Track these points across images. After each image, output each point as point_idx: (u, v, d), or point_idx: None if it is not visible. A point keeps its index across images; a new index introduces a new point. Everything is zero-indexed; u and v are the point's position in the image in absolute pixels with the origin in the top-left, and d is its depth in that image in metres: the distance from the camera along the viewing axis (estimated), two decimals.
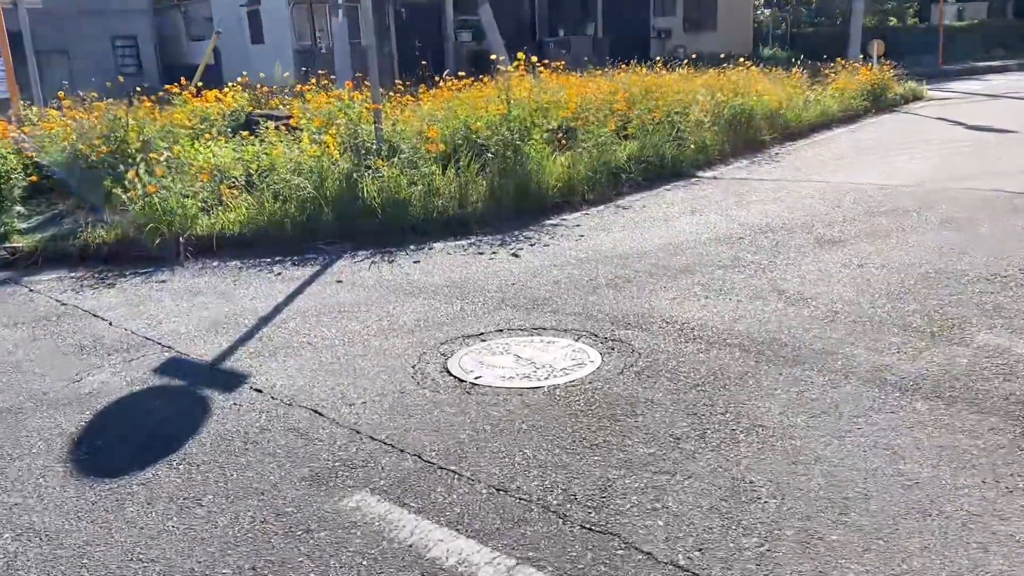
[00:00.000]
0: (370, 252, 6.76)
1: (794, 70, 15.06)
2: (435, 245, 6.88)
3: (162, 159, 7.35)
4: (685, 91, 11.50)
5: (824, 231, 6.71)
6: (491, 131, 8.37)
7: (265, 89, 11.12)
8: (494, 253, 6.55)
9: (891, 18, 34.37)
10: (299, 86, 11.06)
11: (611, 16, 26.80)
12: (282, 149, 7.96)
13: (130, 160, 7.48)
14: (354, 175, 7.31)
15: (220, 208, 7.26)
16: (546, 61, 10.95)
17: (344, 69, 18.62)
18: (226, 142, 8.76)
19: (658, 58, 16.86)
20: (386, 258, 6.57)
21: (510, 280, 5.78)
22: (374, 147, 7.98)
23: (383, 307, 5.31)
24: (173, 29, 32.68)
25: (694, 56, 16.73)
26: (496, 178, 7.79)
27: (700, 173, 10.01)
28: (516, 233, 7.19)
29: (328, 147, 7.55)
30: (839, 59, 17.94)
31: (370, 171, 7.40)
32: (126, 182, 7.00)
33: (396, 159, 7.73)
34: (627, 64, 16.58)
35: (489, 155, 8.14)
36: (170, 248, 6.82)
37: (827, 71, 16.94)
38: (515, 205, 7.80)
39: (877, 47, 18.88)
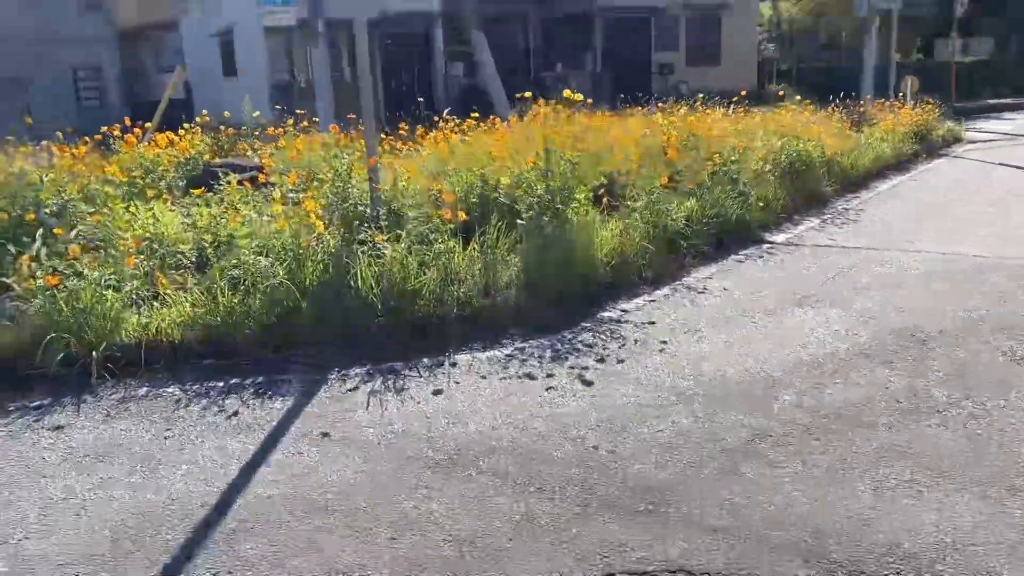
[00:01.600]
0: (367, 370, 4.73)
1: (808, 106, 13.28)
2: (459, 359, 4.86)
3: (72, 235, 5.30)
4: (729, 132, 9.65)
5: (1004, 339, 4.78)
6: (523, 189, 6.41)
7: (231, 131, 9.12)
8: (549, 375, 4.54)
9: (895, 54, 33.11)
10: (272, 128, 9.07)
11: (611, 50, 25.14)
12: (245, 215, 5.95)
13: (33, 235, 5.42)
14: (344, 256, 5.29)
15: (156, 303, 5.20)
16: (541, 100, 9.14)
17: (326, 106, 16.68)
18: (173, 203, 6.73)
19: (666, 98, 15.16)
20: (391, 383, 4.54)
21: (588, 437, 3.76)
22: (369, 214, 5.99)
23: (396, 502, 3.28)
24: (140, 60, 30.68)
25: (701, 95, 15.00)
26: (533, 254, 5.80)
27: (769, 236, 8.10)
28: (568, 336, 5.20)
29: (307, 215, 5.54)
30: (854, 96, 16.26)
31: (366, 249, 5.38)
32: (20, 269, 4.94)
33: (400, 231, 5.73)
34: (629, 101, 14.80)
35: (520, 222, 6.16)
36: (80, 366, 4.76)
37: (862, 108, 15.26)
38: (558, 288, 5.81)
39: (912, 84, 17.26)
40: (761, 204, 8.41)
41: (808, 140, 10.26)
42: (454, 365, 4.76)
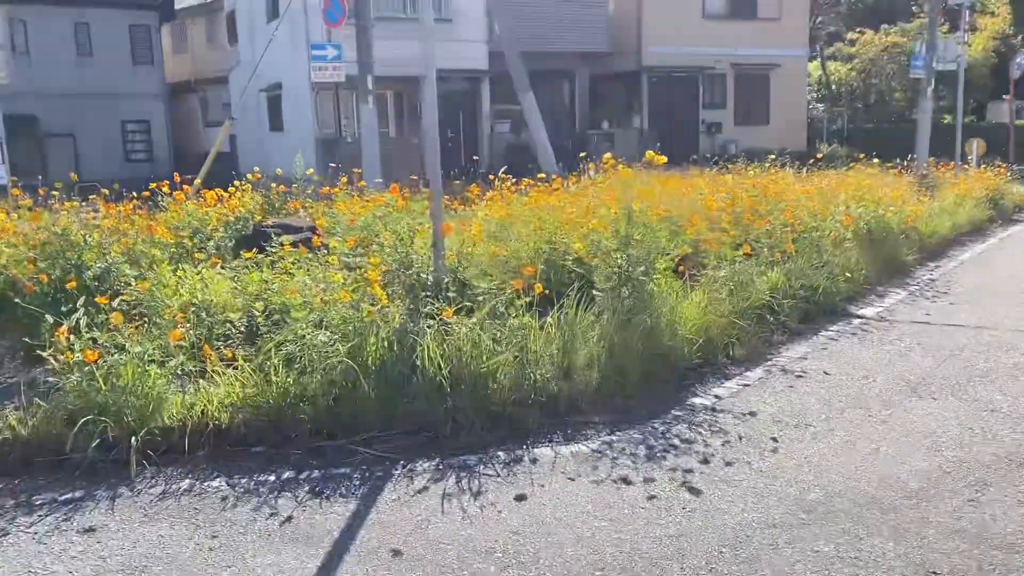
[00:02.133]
0: (436, 465, 4.17)
1: (877, 168, 12.68)
2: (540, 453, 4.28)
3: (116, 303, 4.85)
4: (802, 196, 9.09)
5: None
6: (600, 258, 5.88)
7: (282, 188, 8.76)
8: (648, 479, 3.94)
9: (945, 116, 32.49)
10: (325, 187, 8.69)
11: (657, 108, 24.82)
12: (300, 281, 5.49)
13: (74, 299, 4.98)
14: (410, 332, 4.77)
15: (203, 380, 4.71)
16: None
17: (372, 161, 16.41)
18: (223, 266, 6.30)
19: (715, 157, 14.66)
20: (466, 482, 3.97)
21: (713, 568, 3.15)
22: (432, 283, 5.48)
23: None
24: (189, 114, 31.01)
25: (747, 156, 14.45)
26: (613, 330, 5.23)
27: (856, 309, 7.47)
28: (660, 428, 4.60)
29: (370, 284, 5.04)
30: (910, 158, 15.61)
31: (433, 324, 4.86)
32: (58, 341, 4.48)
33: (467, 302, 5.21)
34: (678, 160, 14.32)
35: (598, 293, 5.61)
36: (118, 451, 4.26)
37: (925, 172, 14.65)
38: (640, 368, 5.23)
39: (978, 146, 16.63)
40: (847, 274, 7.79)
41: (887, 205, 9.65)
42: (535, 462, 4.18)
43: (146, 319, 5.27)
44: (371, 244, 6.39)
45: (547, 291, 5.56)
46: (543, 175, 10.45)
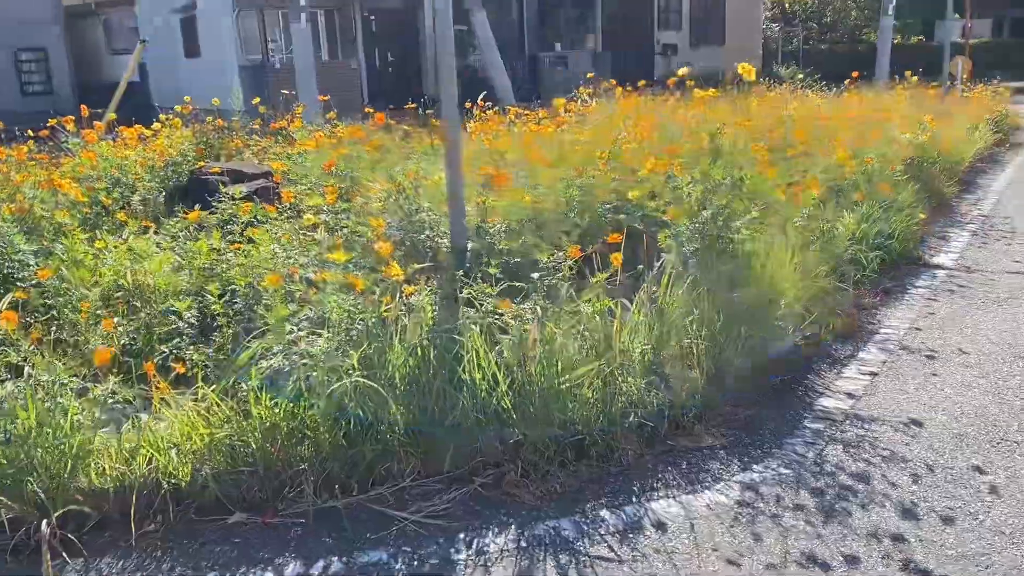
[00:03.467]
0: (516, 539, 2.79)
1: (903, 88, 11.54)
2: (663, 512, 2.93)
3: (6, 299, 3.26)
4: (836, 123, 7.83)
5: None
6: (684, 207, 4.46)
7: (219, 123, 7.03)
8: (851, 560, 2.63)
9: (895, 36, 31.75)
10: (280, 120, 7.00)
11: (612, 29, 23.16)
12: (271, 252, 3.96)
13: None
14: (448, 331, 3.29)
15: (145, 414, 3.18)
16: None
17: (309, 89, 14.53)
18: (156, 231, 4.69)
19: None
20: (568, 565, 2.61)
21: None
22: (454, 250, 4.01)
23: None
24: (91, 41, 27.92)
25: (704, 80, 13.03)
26: (715, 311, 3.87)
27: (930, 258, 6.29)
28: (805, 452, 3.30)
29: (386, 262, 3.53)
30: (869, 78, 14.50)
31: (473, 315, 3.39)
32: None
33: (499, 276, 3.77)
34: (632, 85, 12.91)
35: (670, 257, 4.21)
36: (27, 533, 2.76)
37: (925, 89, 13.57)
38: (745, 360, 3.90)
39: (964, 65, 15.61)
40: (908, 216, 6.59)
41: (927, 131, 8.46)
42: (662, 529, 2.83)
43: (56, 318, 3.68)
44: (354, 197, 4.86)
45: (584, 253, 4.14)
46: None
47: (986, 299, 5.25)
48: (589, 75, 12.04)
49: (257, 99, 6.79)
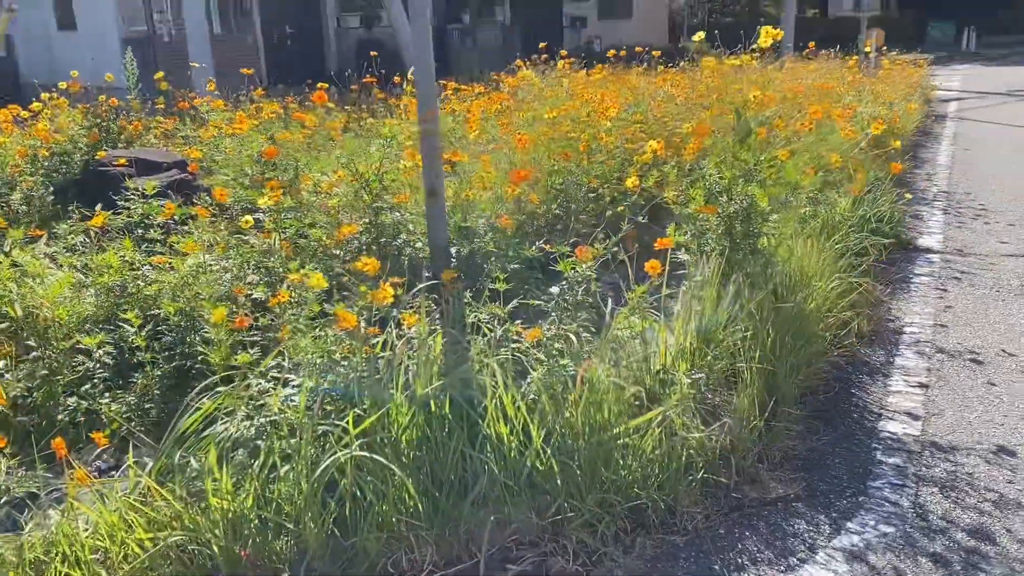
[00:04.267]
0: None
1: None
2: None
3: None
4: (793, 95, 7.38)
5: None
6: (714, 199, 3.80)
7: (113, 102, 5.95)
8: None
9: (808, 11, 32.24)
10: (187, 99, 5.99)
11: (520, 1, 22.41)
12: (198, 268, 3.11)
13: None
14: (460, 372, 2.54)
15: (57, 509, 2.31)
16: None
17: (202, 65, 13.24)
18: (50, 240, 3.73)
19: (580, 54, 12.57)
20: None
21: None
22: (434, 252, 3.24)
23: None
24: None
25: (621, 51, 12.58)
26: (764, 324, 3.23)
27: (916, 240, 5.90)
28: (897, 499, 2.71)
29: (371, 281, 2.74)
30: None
31: (492, 355, 2.63)
32: None
33: (481, 282, 3.03)
34: (539, 57, 12.26)
35: (684, 257, 3.55)
36: None
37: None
38: (793, 380, 3.30)
39: (878, 37, 15.56)
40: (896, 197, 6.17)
41: (893, 107, 8.13)
42: None
43: None
44: (299, 192, 4.00)
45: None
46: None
47: (998, 288, 4.84)
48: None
49: (160, 74, 5.75)
